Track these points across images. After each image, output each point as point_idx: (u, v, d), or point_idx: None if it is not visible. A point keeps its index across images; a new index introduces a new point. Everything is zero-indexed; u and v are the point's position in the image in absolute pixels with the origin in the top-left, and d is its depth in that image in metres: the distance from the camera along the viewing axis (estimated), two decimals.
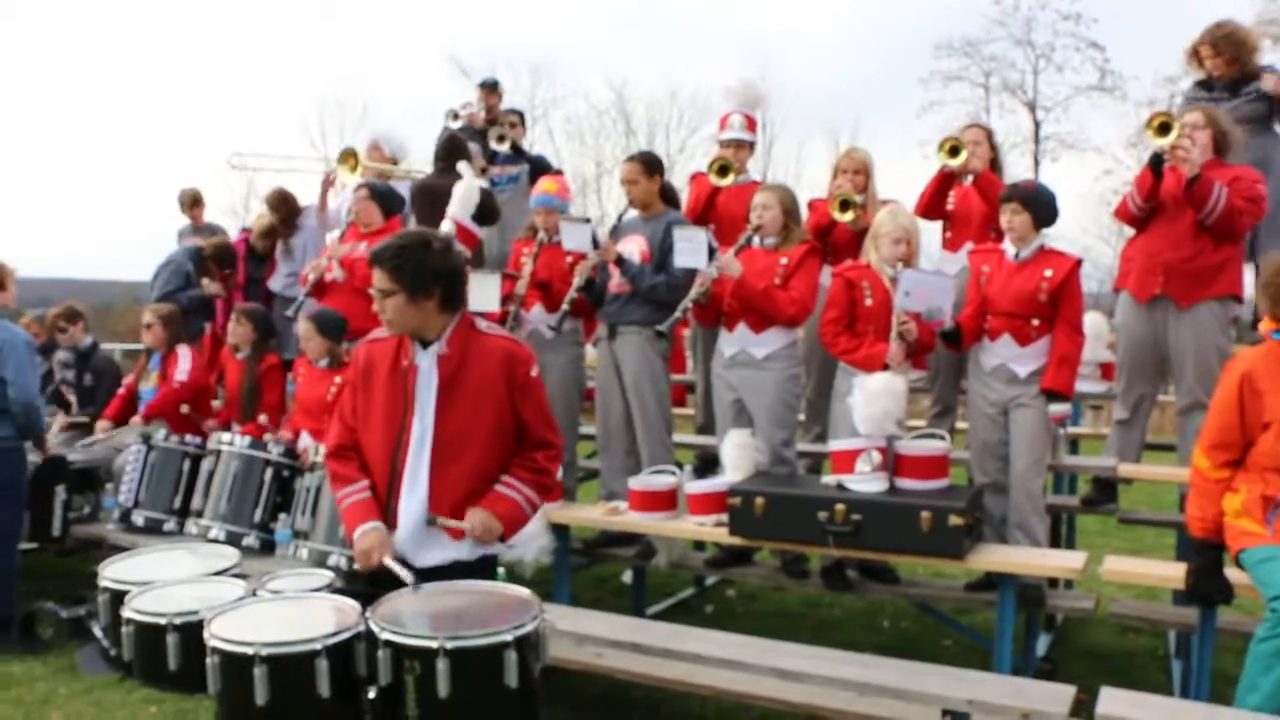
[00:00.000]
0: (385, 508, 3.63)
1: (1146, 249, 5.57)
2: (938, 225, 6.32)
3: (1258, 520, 3.99)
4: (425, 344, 3.59)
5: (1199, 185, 5.19)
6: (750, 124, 6.76)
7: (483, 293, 6.04)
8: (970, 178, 5.95)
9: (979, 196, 5.96)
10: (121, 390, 7.49)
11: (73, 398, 7.70)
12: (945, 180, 6.06)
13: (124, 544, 5.77)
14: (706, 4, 41.18)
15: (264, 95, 45.87)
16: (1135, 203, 5.56)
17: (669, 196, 6.17)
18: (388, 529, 3.59)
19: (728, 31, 40.31)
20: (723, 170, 6.31)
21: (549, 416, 3.73)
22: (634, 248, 5.91)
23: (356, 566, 3.65)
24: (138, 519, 6.15)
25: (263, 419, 6.68)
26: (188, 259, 8.18)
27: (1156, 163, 5.32)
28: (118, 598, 3.74)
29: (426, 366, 3.58)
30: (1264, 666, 3.74)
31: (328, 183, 7.72)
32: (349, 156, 7.53)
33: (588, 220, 6.12)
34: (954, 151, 5.90)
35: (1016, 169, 24.63)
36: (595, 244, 5.91)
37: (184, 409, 7.06)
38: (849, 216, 5.82)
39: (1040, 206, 5.17)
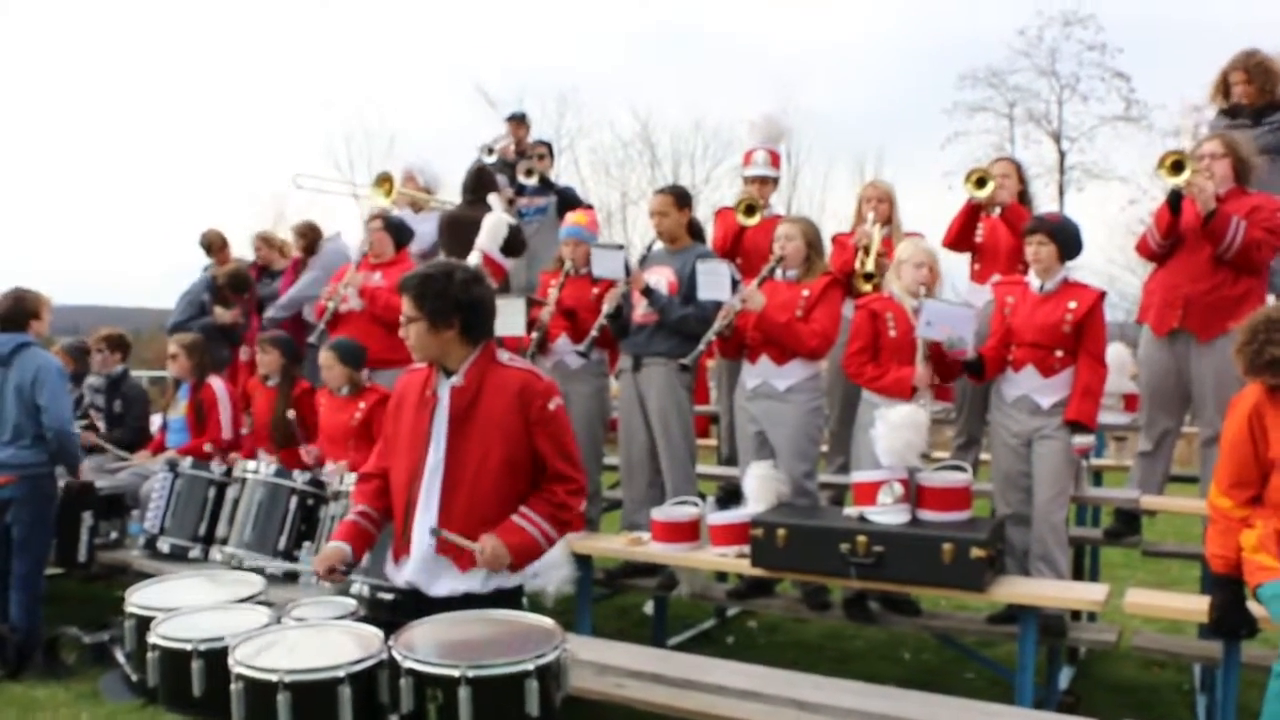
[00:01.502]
0: (402, 536, 3.67)
1: (1166, 282, 5.57)
2: (966, 257, 6.33)
3: (1274, 555, 3.96)
4: (449, 374, 3.63)
5: (1216, 220, 5.19)
6: (774, 159, 6.81)
7: (508, 318, 6.08)
8: (998, 210, 5.96)
9: (1007, 229, 5.97)
10: (159, 427, 7.56)
11: (101, 424, 7.77)
12: (973, 212, 6.07)
13: (149, 570, 5.80)
14: (731, 34, 41.35)
15: (292, 125, 46.28)
16: (1154, 239, 5.56)
17: (696, 230, 6.20)
18: (403, 554, 3.66)
19: (752, 62, 40.45)
20: (749, 210, 6.36)
21: (570, 450, 3.67)
22: (661, 279, 5.94)
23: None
24: (163, 546, 6.19)
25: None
26: (204, 288, 8.26)
27: (1174, 199, 5.32)
28: (143, 623, 3.76)
29: (445, 397, 3.62)
30: None
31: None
32: (384, 181, 7.61)
33: (620, 247, 6.12)
34: (980, 183, 5.92)
35: (1041, 199, 24.48)
36: (627, 271, 5.94)
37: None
38: (869, 288, 5.88)
39: (1066, 238, 5.18)
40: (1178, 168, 5.20)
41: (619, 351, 6.36)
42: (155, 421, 7.78)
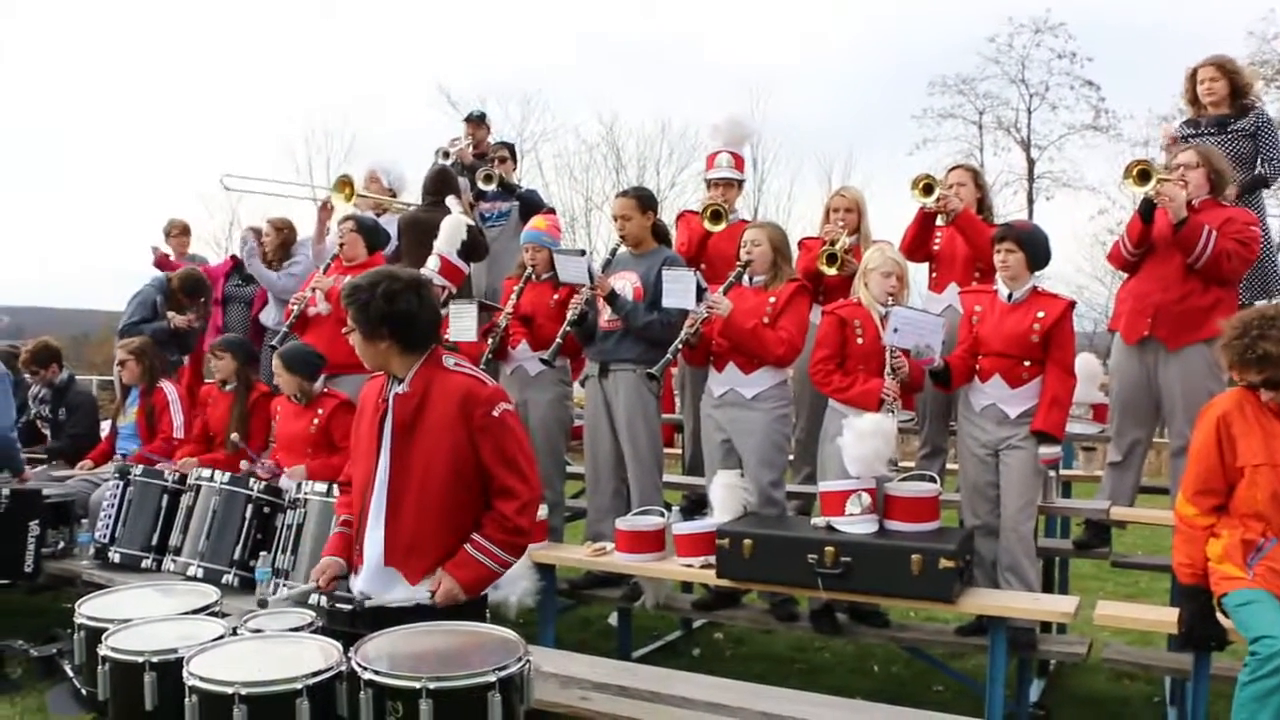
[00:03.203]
0: (357, 545, 3.67)
1: (1137, 290, 5.60)
2: (924, 266, 6.31)
3: (1239, 564, 3.96)
4: (400, 381, 3.61)
5: (1187, 228, 5.21)
6: (738, 162, 6.76)
7: (460, 323, 6.03)
8: (941, 219, 5.94)
9: (961, 237, 5.95)
10: (108, 433, 7.40)
11: (47, 431, 7.60)
12: (926, 220, 6.06)
13: (100, 581, 5.67)
14: (698, 38, 41.57)
15: (250, 124, 45.93)
16: (1126, 248, 5.58)
17: (661, 234, 6.15)
18: (358, 564, 3.65)
19: (719, 66, 40.67)
20: (715, 216, 6.31)
21: (516, 460, 3.59)
22: (626, 284, 5.88)
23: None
24: (114, 555, 6.03)
25: (260, 465, 6.53)
26: (156, 290, 8.09)
27: (1147, 209, 5.33)
28: (94, 635, 3.70)
29: (392, 405, 3.60)
30: (1250, 712, 3.70)
31: (325, 210, 7.57)
32: (345, 184, 7.48)
33: (582, 252, 6.07)
34: (928, 189, 5.90)
35: (1010, 207, 24.85)
36: (591, 276, 5.87)
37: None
38: (832, 270, 5.83)
39: (1035, 247, 5.18)
40: (1144, 176, 5.22)
41: (582, 359, 6.30)
42: (104, 427, 7.63)
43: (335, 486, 4.92)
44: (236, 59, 47.06)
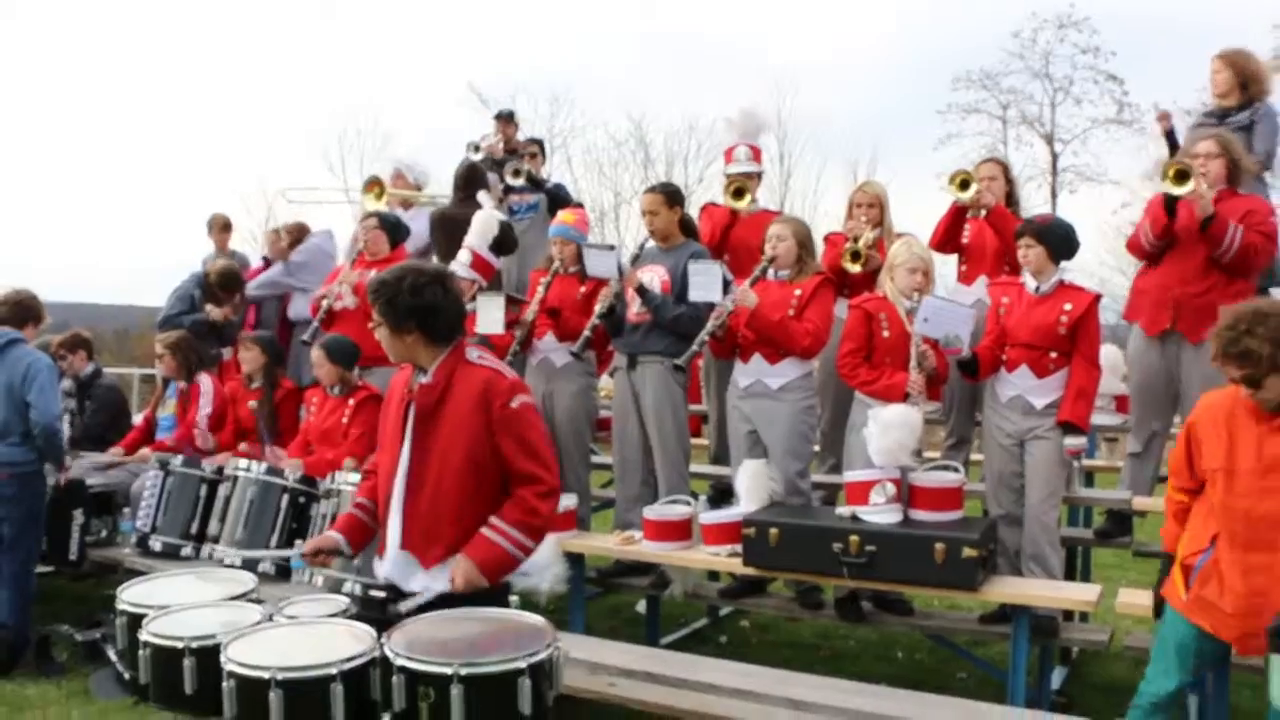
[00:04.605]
0: (381, 530, 3.74)
1: (1158, 283, 5.57)
2: (953, 258, 6.33)
3: (1184, 579, 3.88)
4: (424, 373, 3.68)
5: (1214, 225, 5.18)
6: (756, 154, 6.80)
7: (488, 315, 6.10)
8: (983, 212, 5.95)
9: (993, 231, 5.97)
10: (140, 422, 7.54)
11: (69, 426, 7.71)
12: (958, 214, 6.07)
13: (141, 568, 5.78)
14: (726, 35, 41.31)
15: (285, 123, 46.13)
16: (1148, 239, 5.54)
17: (688, 228, 6.20)
18: (383, 551, 3.72)
19: (748, 63, 40.43)
20: (738, 193, 6.32)
21: (538, 449, 3.63)
22: (654, 278, 5.94)
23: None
24: (155, 544, 6.15)
25: (243, 445, 6.69)
26: (194, 284, 8.21)
27: (1170, 203, 5.31)
28: (135, 621, 3.76)
29: (414, 395, 3.67)
30: None
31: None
32: (374, 185, 7.59)
33: (612, 247, 6.12)
34: (964, 185, 5.91)
35: (1034, 201, 24.56)
36: (620, 271, 5.92)
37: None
38: (857, 268, 5.86)
39: (1055, 239, 5.18)
40: (1182, 177, 5.13)
41: (610, 351, 6.36)
42: (137, 420, 7.75)
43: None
44: (271, 58, 47.15)
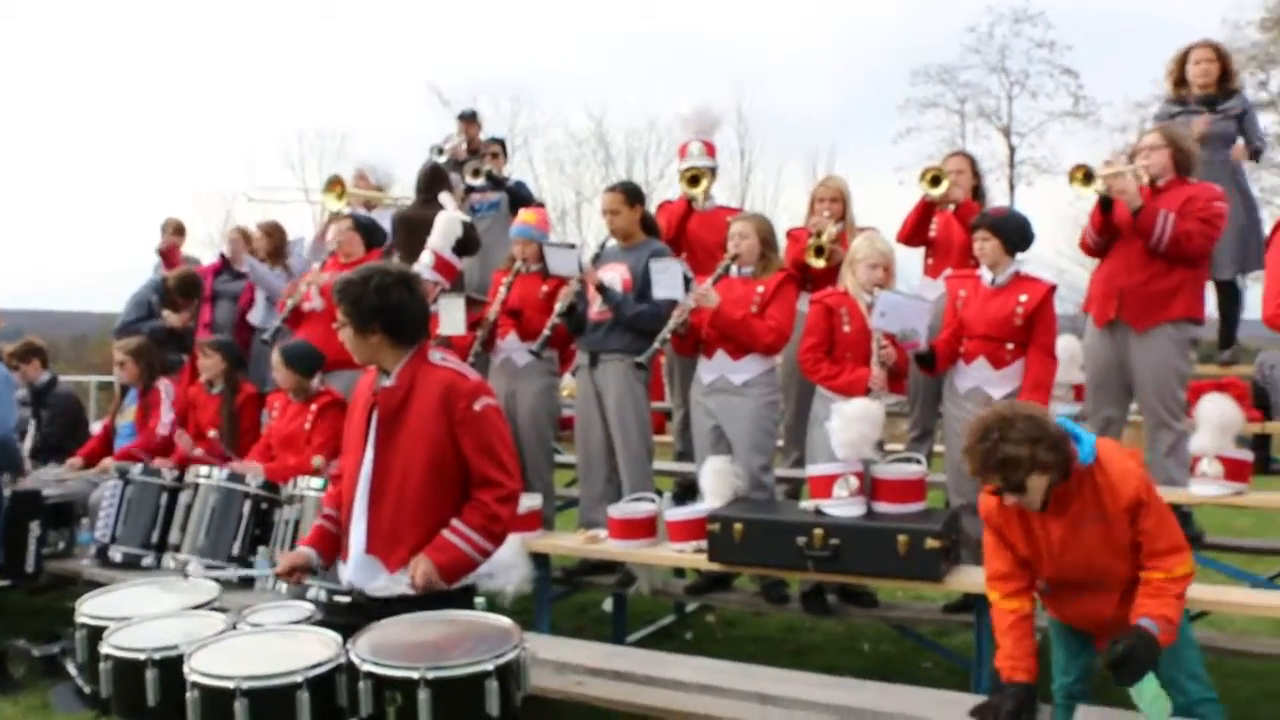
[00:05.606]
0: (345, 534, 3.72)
1: (1105, 274, 5.67)
2: (919, 252, 6.38)
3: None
4: (388, 375, 3.67)
5: (1143, 215, 5.28)
6: (709, 150, 6.82)
7: (450, 317, 6.08)
8: (952, 207, 6.01)
9: (960, 224, 6.02)
10: (99, 430, 7.44)
11: (31, 435, 7.62)
12: (927, 209, 6.13)
13: (100, 579, 5.72)
14: (685, 32, 41.50)
15: (244, 124, 45.80)
16: (1091, 237, 5.68)
17: (649, 226, 6.21)
18: (347, 555, 3.70)
19: (706, 59, 40.59)
20: (694, 180, 6.34)
21: (498, 453, 3.63)
22: (615, 276, 5.94)
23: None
24: (115, 554, 6.08)
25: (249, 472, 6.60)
26: (151, 290, 8.12)
27: (1106, 199, 5.40)
28: (95, 633, 3.73)
29: (377, 398, 3.66)
30: None
31: (333, 218, 7.64)
32: (335, 184, 7.53)
33: (573, 246, 6.13)
34: (935, 181, 5.97)
35: (992, 194, 24.78)
36: (581, 269, 5.92)
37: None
38: (821, 263, 5.89)
39: (1009, 232, 5.23)
40: (1088, 178, 5.33)
41: (572, 350, 6.36)
42: (95, 428, 7.66)
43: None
44: (230, 58, 46.89)
